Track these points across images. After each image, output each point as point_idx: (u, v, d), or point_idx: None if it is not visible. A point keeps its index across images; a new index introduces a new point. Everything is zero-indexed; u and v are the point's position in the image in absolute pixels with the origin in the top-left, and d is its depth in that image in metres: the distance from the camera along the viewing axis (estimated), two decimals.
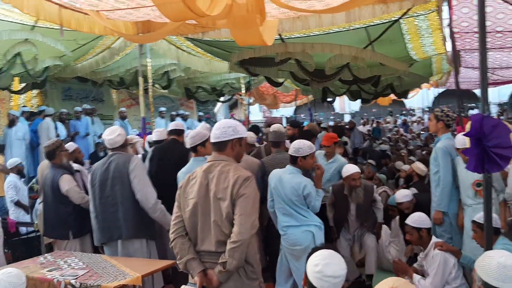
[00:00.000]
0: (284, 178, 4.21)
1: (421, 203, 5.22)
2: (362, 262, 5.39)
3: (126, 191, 4.13)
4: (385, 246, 5.22)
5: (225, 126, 2.87)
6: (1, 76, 7.92)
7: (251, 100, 14.34)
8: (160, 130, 5.84)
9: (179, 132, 5.31)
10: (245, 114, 14.78)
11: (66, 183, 4.74)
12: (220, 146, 2.87)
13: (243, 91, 13.62)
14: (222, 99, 16.51)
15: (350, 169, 5.09)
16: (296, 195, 4.13)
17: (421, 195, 5.52)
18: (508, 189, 4.60)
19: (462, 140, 4.16)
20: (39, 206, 5.66)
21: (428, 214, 4.65)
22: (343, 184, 5.10)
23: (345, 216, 5.15)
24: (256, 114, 22.46)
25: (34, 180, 7.79)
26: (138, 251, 4.14)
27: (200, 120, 15.68)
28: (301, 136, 7.03)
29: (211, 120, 19.84)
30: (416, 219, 4.14)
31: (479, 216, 4.05)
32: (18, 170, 7.31)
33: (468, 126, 2.57)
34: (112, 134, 4.33)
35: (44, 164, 5.37)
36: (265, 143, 7.07)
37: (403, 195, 5.37)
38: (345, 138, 9.43)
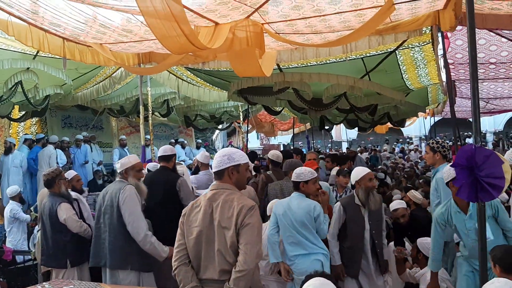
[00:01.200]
0: (292, 203, 4.24)
1: (418, 218, 5.44)
2: None
3: (114, 221, 4.15)
4: None
5: (220, 155, 2.94)
6: (2, 104, 7.98)
7: (249, 128, 14.47)
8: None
9: (168, 158, 5.15)
10: (243, 142, 14.86)
11: (64, 212, 4.72)
12: (219, 175, 2.93)
13: (242, 119, 13.74)
14: (220, 126, 16.63)
15: (361, 170, 4.67)
16: (308, 218, 4.15)
17: (418, 211, 5.75)
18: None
19: (450, 172, 3.88)
20: (37, 234, 5.65)
21: (424, 227, 4.75)
22: (352, 196, 4.71)
23: (361, 235, 4.55)
24: (254, 141, 22.55)
25: (32, 207, 7.79)
26: (124, 282, 4.10)
27: (198, 147, 15.75)
28: (339, 159, 7.06)
29: (209, 147, 19.93)
30: (424, 242, 4.39)
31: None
32: (20, 198, 7.38)
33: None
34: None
35: (44, 192, 5.37)
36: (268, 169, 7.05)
37: (397, 202, 5.54)
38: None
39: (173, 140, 14.63)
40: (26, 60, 6.91)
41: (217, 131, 21.74)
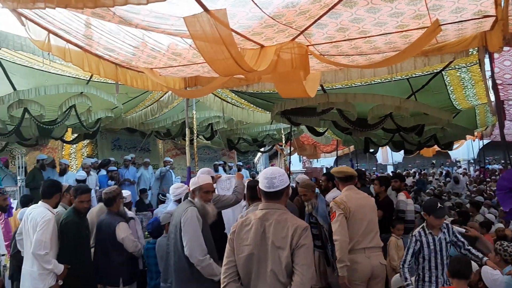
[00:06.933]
0: None
1: None
2: None
3: (177, 242, 4.03)
4: None
5: (281, 175, 2.88)
6: (56, 127, 8.40)
7: (291, 150, 14.51)
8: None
9: None
10: (286, 164, 14.86)
11: (122, 231, 4.83)
12: (278, 195, 2.88)
13: (284, 141, 13.81)
14: (262, 149, 16.75)
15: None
16: None
17: None
18: None
19: None
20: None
21: None
22: None
23: None
24: (296, 164, 22.47)
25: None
26: None
27: (239, 170, 15.83)
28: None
29: (251, 170, 20.02)
30: (489, 272, 4.11)
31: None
32: None
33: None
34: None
35: (94, 210, 5.54)
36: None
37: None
38: None
39: (216, 162, 14.88)
40: (80, 85, 7.25)
41: (259, 154, 21.86)
